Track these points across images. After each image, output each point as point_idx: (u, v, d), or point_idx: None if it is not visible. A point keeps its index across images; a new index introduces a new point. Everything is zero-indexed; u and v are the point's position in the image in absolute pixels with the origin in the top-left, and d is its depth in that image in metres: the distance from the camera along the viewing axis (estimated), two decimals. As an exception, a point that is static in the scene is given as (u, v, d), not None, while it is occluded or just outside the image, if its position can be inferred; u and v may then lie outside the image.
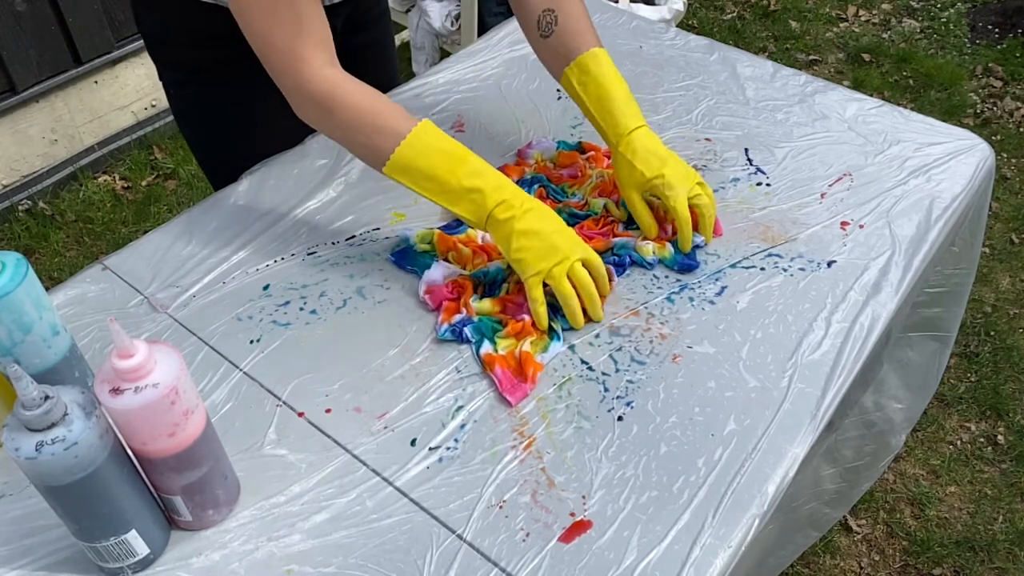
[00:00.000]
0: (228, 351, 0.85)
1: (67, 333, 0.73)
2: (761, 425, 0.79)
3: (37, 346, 0.70)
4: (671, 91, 1.22)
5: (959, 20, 3.06)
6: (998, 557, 1.59)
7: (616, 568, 0.69)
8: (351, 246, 0.97)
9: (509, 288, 0.92)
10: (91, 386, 0.74)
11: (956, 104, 2.67)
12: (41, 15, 2.05)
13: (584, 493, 0.74)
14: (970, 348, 1.96)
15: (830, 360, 0.85)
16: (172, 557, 0.69)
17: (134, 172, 2.35)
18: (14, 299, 0.67)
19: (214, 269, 0.94)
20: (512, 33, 1.33)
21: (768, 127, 1.15)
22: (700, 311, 0.90)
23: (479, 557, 0.69)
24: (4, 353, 0.69)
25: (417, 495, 0.74)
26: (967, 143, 1.12)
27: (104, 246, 2.16)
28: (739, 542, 0.70)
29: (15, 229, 2.18)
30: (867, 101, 1.20)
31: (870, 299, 0.91)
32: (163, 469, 0.65)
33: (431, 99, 1.20)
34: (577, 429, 0.79)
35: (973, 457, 1.75)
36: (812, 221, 1.01)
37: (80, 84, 2.23)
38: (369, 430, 0.79)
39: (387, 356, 0.85)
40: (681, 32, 1.35)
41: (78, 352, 0.75)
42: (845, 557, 1.59)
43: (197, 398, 0.65)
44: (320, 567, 0.69)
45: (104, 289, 0.92)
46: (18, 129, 2.16)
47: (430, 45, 2.44)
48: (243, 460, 0.76)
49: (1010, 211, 2.31)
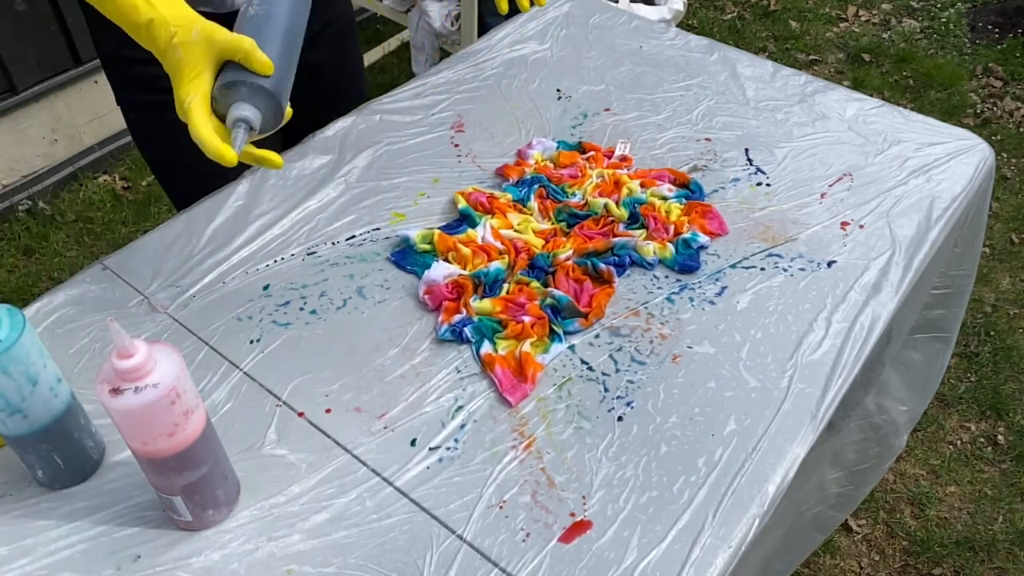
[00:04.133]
0: (228, 351, 0.85)
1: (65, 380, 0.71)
2: (761, 425, 0.79)
3: (44, 396, 0.68)
4: (671, 91, 1.22)
5: (959, 20, 3.06)
6: (998, 557, 1.59)
7: (616, 568, 0.69)
8: (351, 246, 0.97)
9: (509, 288, 0.92)
10: (95, 429, 0.74)
11: (956, 104, 2.67)
12: (41, 15, 2.05)
13: (584, 493, 0.74)
14: (970, 348, 1.96)
15: (830, 360, 0.85)
16: (172, 557, 0.69)
17: (134, 172, 2.35)
18: (20, 350, 0.64)
19: (214, 269, 0.94)
20: (512, 33, 1.33)
21: (768, 127, 1.15)
22: (700, 311, 0.90)
23: (479, 557, 0.69)
24: (13, 410, 0.66)
25: (417, 495, 0.74)
26: (967, 143, 1.12)
27: (104, 246, 2.16)
28: (739, 542, 0.70)
29: (15, 229, 2.18)
30: (867, 101, 1.20)
31: (870, 299, 0.91)
32: (163, 469, 0.65)
33: (431, 99, 1.20)
34: (577, 429, 0.79)
35: (973, 457, 1.75)
36: (812, 221, 1.01)
37: (80, 84, 2.23)
38: (369, 430, 0.79)
39: (387, 356, 0.85)
40: (681, 32, 1.35)
41: (77, 397, 0.73)
42: (845, 557, 1.59)
43: (197, 398, 0.65)
44: (320, 567, 0.69)
45: (104, 289, 0.92)
46: (18, 129, 2.16)
47: (430, 45, 2.44)
48: (243, 460, 0.76)
49: (1010, 211, 2.31)
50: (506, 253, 0.95)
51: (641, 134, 1.14)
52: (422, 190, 1.05)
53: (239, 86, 0.72)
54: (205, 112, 0.72)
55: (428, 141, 1.12)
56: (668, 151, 1.11)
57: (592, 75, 1.25)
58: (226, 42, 0.72)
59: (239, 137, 0.72)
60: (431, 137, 1.13)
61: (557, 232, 0.99)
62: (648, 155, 1.11)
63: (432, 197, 1.04)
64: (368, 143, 1.11)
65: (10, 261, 2.13)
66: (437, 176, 1.07)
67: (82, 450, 0.73)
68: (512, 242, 0.96)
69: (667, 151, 1.11)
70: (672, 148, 1.12)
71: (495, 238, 0.96)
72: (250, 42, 0.72)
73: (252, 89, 0.72)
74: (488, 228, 0.97)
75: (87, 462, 0.74)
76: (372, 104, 1.18)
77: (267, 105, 0.74)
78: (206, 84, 0.72)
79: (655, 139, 1.13)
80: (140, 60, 1.02)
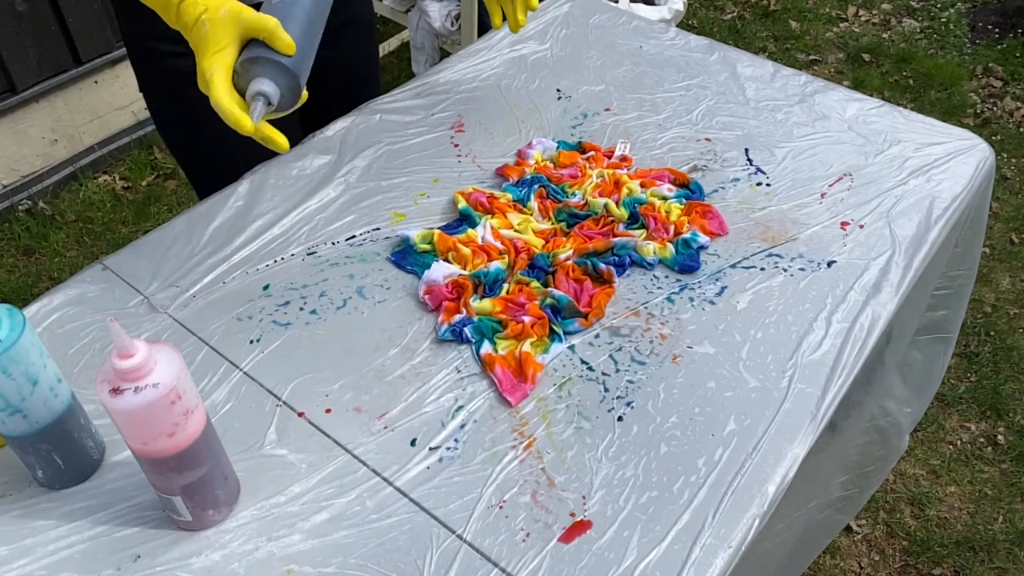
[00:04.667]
0: (228, 351, 0.85)
1: (65, 380, 0.71)
2: (761, 425, 0.79)
3: (44, 396, 0.68)
4: (671, 91, 1.22)
5: (959, 20, 3.06)
6: (998, 557, 1.59)
7: (616, 568, 0.69)
8: (351, 246, 0.97)
9: (509, 288, 0.92)
10: (95, 429, 0.74)
11: (956, 104, 2.67)
12: (41, 15, 2.05)
13: (584, 493, 0.74)
14: (970, 348, 1.96)
15: (830, 360, 0.85)
16: (172, 557, 0.69)
17: (134, 172, 2.35)
18: (20, 350, 0.64)
19: (214, 269, 0.94)
20: (512, 33, 1.33)
21: (768, 127, 1.15)
22: (700, 311, 0.90)
23: (479, 557, 0.69)
24: (13, 410, 0.66)
25: (417, 495, 0.74)
26: (967, 143, 1.12)
27: (104, 246, 2.17)
28: (739, 542, 0.70)
29: (15, 229, 2.18)
30: (867, 101, 1.20)
31: (870, 299, 0.91)
32: (163, 469, 0.65)
33: (431, 99, 1.20)
34: (577, 429, 0.79)
35: (973, 457, 1.75)
36: (812, 221, 1.01)
37: (80, 84, 2.23)
38: (369, 430, 0.79)
39: (387, 356, 0.85)
40: (681, 32, 1.35)
41: (77, 398, 0.73)
42: (845, 557, 1.59)
43: (197, 398, 0.65)
44: (320, 567, 0.69)
45: (104, 289, 0.92)
46: (18, 129, 2.16)
47: (430, 45, 2.44)
48: (243, 460, 0.76)
49: (1010, 211, 2.31)
50: (506, 253, 0.95)
51: (641, 134, 1.14)
52: (422, 190, 1.05)
53: (262, 62, 0.76)
54: (226, 83, 0.75)
55: (428, 141, 1.13)
56: (668, 151, 1.11)
57: (592, 75, 1.25)
58: (253, 20, 0.76)
59: (257, 108, 0.75)
60: (431, 137, 1.13)
61: (557, 232, 0.99)
62: (648, 155, 1.11)
63: (432, 197, 1.04)
64: (368, 143, 1.11)
65: (10, 261, 2.13)
66: (437, 176, 1.07)
67: (82, 450, 0.73)
68: (512, 242, 0.96)
69: (667, 151, 1.11)
70: (672, 148, 1.12)
71: (495, 238, 0.96)
72: (275, 22, 0.76)
73: (274, 66, 0.76)
74: (488, 228, 0.97)
75: (87, 462, 0.74)
76: (372, 104, 1.18)
77: (286, 83, 0.77)
78: (230, 58, 0.76)
79: (655, 139, 1.13)
80: (163, 53, 1.04)
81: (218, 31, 0.75)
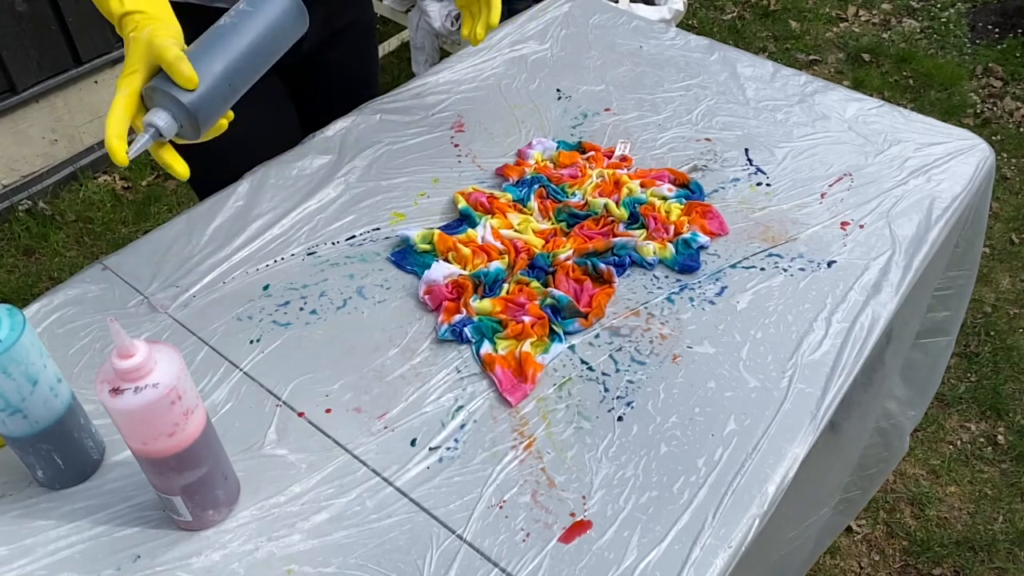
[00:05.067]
0: (228, 351, 0.85)
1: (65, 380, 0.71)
2: (761, 425, 0.79)
3: (44, 396, 0.68)
4: (671, 91, 1.22)
5: (959, 20, 3.06)
6: (998, 557, 1.59)
7: (616, 568, 0.69)
8: (351, 246, 0.97)
9: (509, 288, 0.92)
10: (95, 429, 0.74)
11: (956, 104, 2.67)
12: (41, 15, 2.05)
13: (584, 493, 0.74)
14: (970, 348, 1.96)
15: (830, 360, 0.85)
16: (172, 557, 0.69)
17: (134, 172, 2.35)
18: (20, 350, 0.64)
19: (214, 269, 0.94)
20: (512, 33, 1.33)
21: (768, 127, 1.15)
22: (700, 311, 0.90)
23: (479, 557, 0.69)
24: (13, 411, 0.66)
25: (417, 495, 0.74)
26: (967, 143, 1.12)
27: (104, 246, 2.17)
28: (739, 542, 0.70)
29: (15, 229, 2.19)
30: (867, 101, 1.20)
31: (870, 299, 0.91)
32: (163, 469, 0.65)
33: (431, 99, 1.20)
34: (577, 429, 0.79)
35: (973, 457, 1.75)
36: (812, 221, 1.01)
37: (80, 84, 2.23)
38: (369, 430, 0.79)
39: (387, 356, 0.85)
40: (681, 32, 1.35)
41: (77, 398, 0.73)
42: (845, 557, 1.59)
43: (197, 398, 0.65)
44: (320, 567, 0.69)
45: (104, 289, 0.92)
46: (18, 129, 2.16)
47: (430, 45, 2.44)
48: (243, 460, 0.76)
49: (1010, 211, 2.31)
50: (506, 253, 0.95)
51: (641, 134, 1.14)
52: (422, 190, 1.05)
53: (160, 92, 0.74)
54: (123, 108, 0.73)
55: (428, 141, 1.13)
56: (668, 151, 1.11)
57: (592, 75, 1.25)
58: (158, 48, 0.73)
59: (140, 141, 0.73)
60: (431, 137, 1.13)
61: (557, 232, 0.99)
62: (648, 155, 1.11)
63: (432, 197, 1.04)
64: (368, 143, 1.11)
65: (10, 261, 2.13)
66: (437, 176, 1.07)
67: (82, 450, 0.73)
68: (512, 242, 0.96)
69: (667, 151, 1.11)
70: (672, 148, 1.12)
71: (495, 238, 0.96)
72: (176, 54, 0.73)
73: (171, 98, 0.74)
74: (488, 228, 0.97)
75: (87, 462, 0.74)
76: (372, 104, 1.18)
77: (186, 116, 0.75)
78: (136, 82, 0.74)
79: (655, 139, 1.13)
80: None
81: (132, 54, 0.74)
